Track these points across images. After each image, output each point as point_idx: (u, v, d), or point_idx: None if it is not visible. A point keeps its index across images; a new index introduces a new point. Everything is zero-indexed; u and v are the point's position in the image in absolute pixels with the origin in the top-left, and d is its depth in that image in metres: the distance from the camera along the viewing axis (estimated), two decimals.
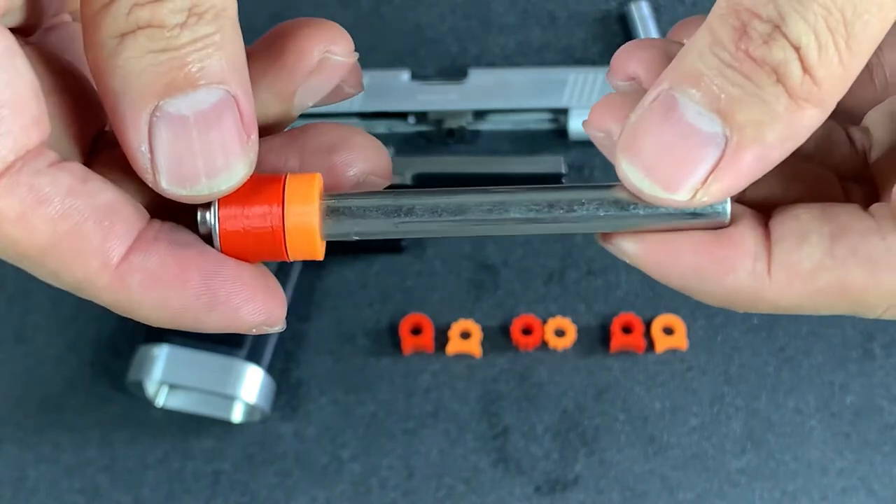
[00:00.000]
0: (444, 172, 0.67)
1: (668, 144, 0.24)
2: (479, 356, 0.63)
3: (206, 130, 0.24)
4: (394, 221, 0.26)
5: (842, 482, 0.59)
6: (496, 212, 0.26)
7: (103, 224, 0.24)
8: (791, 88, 0.23)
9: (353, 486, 0.60)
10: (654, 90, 0.24)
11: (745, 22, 0.23)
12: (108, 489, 0.60)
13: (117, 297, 0.24)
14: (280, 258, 0.26)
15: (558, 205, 0.26)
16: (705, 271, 0.26)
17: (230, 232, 0.26)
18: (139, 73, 0.23)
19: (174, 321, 0.25)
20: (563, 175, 0.66)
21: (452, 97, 0.69)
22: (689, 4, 0.74)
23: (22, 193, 0.23)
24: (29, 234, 0.23)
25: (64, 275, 0.24)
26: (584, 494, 0.60)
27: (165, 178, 0.24)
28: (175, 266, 0.25)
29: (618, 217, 0.26)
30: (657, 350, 0.63)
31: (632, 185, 0.25)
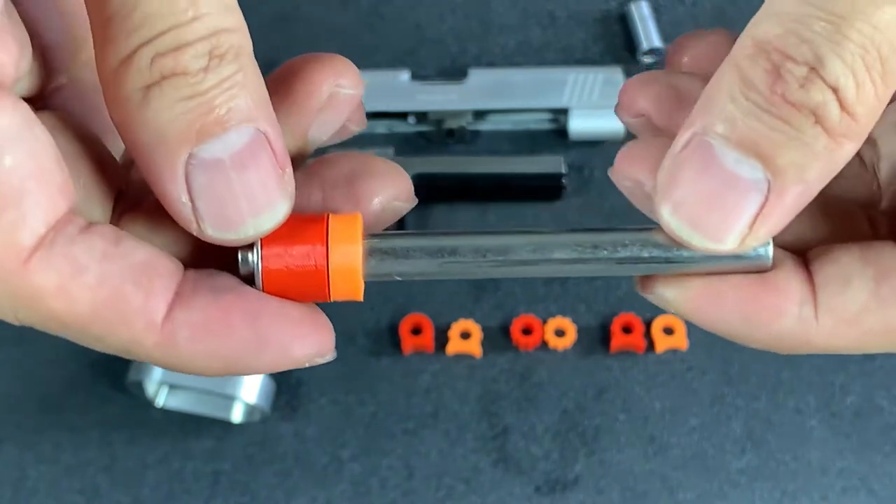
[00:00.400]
0: (444, 172, 0.67)
1: (712, 194, 0.24)
2: (479, 356, 0.63)
3: (244, 171, 0.24)
4: (437, 262, 0.26)
5: (842, 482, 0.59)
6: (540, 252, 0.26)
7: (142, 284, 0.24)
8: (830, 128, 0.22)
9: (353, 486, 0.60)
10: (684, 134, 0.24)
11: (778, 64, 0.22)
12: (108, 489, 0.60)
13: (167, 354, 0.24)
14: (321, 299, 0.26)
15: (602, 246, 0.26)
16: (752, 319, 0.26)
17: (273, 272, 0.25)
18: (169, 123, 0.23)
19: (227, 369, 0.25)
20: (563, 175, 0.66)
21: (452, 97, 0.69)
22: (689, 4, 0.74)
23: (58, 265, 0.23)
24: (70, 306, 0.23)
25: (110, 339, 0.24)
26: (584, 494, 0.60)
27: (210, 224, 0.24)
28: (218, 314, 0.24)
29: (663, 259, 0.26)
30: (657, 350, 0.63)
31: (677, 236, 0.25)
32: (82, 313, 0.23)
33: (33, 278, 0.23)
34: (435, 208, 0.68)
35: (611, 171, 0.28)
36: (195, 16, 0.23)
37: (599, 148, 0.69)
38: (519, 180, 0.67)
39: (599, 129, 0.68)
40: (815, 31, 0.22)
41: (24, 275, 0.23)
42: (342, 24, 0.74)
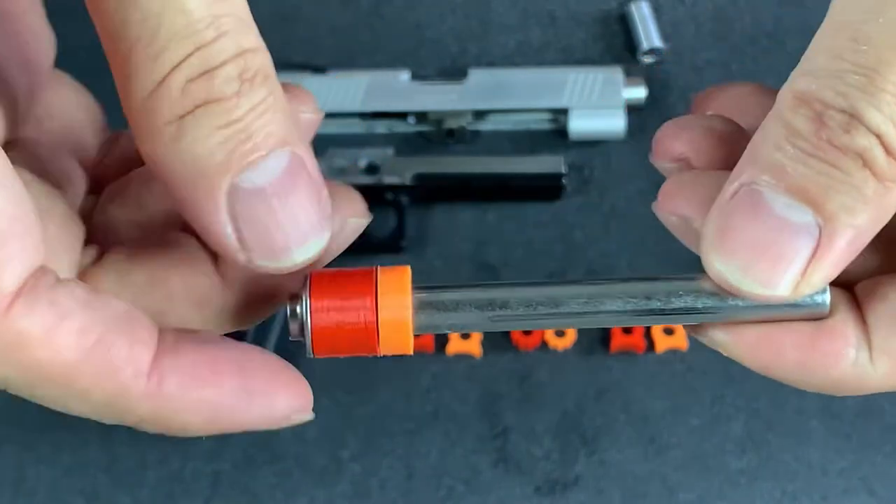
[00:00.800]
0: (444, 172, 0.67)
1: (763, 241, 0.24)
2: (479, 356, 0.63)
3: (286, 197, 0.23)
4: (487, 315, 0.26)
5: (842, 483, 0.59)
6: (592, 304, 0.26)
7: (126, 332, 0.23)
8: (878, 172, 0.23)
9: (353, 486, 0.60)
10: (732, 183, 0.24)
11: (820, 112, 0.23)
12: (108, 489, 0.60)
13: (156, 404, 0.23)
14: (370, 353, 0.26)
15: (655, 296, 0.26)
16: (809, 365, 0.26)
17: (323, 328, 0.26)
18: (208, 154, 0.22)
19: (214, 423, 0.24)
20: (563, 175, 0.66)
21: (452, 97, 0.69)
22: (690, 4, 0.74)
23: (42, 311, 0.22)
24: (55, 354, 0.22)
25: (95, 392, 0.23)
26: (584, 495, 0.60)
27: (258, 255, 0.24)
28: (206, 363, 0.24)
29: (717, 309, 0.26)
30: (657, 350, 0.63)
31: (729, 285, 0.25)
32: (68, 362, 0.22)
33: (17, 324, 0.22)
34: (435, 208, 0.68)
35: (655, 207, 0.28)
36: (218, 34, 0.22)
37: (599, 148, 0.69)
38: (519, 180, 0.67)
39: (599, 129, 0.68)
40: (849, 84, 0.22)
41: (6, 321, 0.22)
42: (342, 24, 0.74)
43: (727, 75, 0.71)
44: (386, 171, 0.66)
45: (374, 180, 0.66)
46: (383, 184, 0.66)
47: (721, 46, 0.72)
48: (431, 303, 0.26)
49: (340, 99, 0.68)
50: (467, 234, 0.67)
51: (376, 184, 0.66)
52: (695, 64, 0.72)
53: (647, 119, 0.69)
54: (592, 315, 0.26)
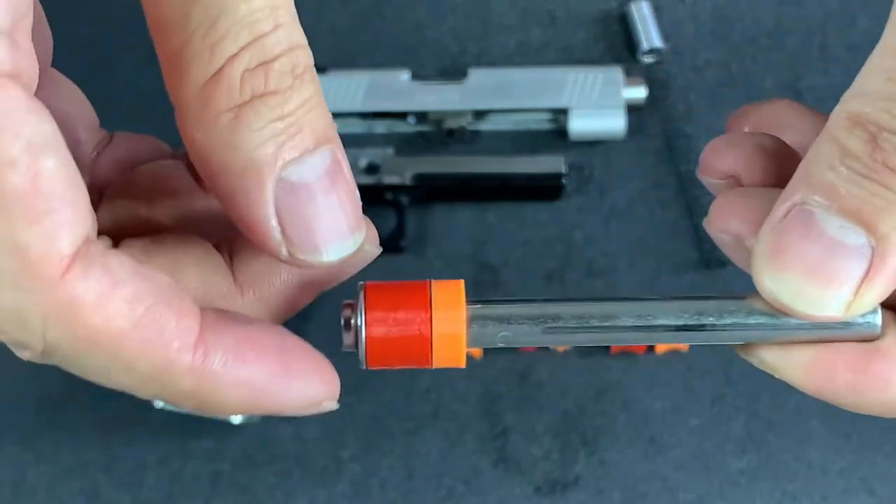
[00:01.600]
0: (444, 172, 0.67)
1: (815, 261, 0.24)
2: (479, 356, 0.63)
3: (328, 195, 0.24)
4: (540, 328, 0.26)
5: (843, 483, 0.59)
6: (644, 319, 0.26)
7: (173, 304, 0.23)
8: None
9: (353, 486, 0.60)
10: (783, 203, 0.24)
11: (875, 134, 0.23)
12: (108, 490, 0.60)
13: (199, 379, 0.23)
14: (423, 365, 0.26)
15: (707, 313, 0.26)
16: (862, 388, 0.26)
17: (377, 339, 0.26)
18: (261, 145, 0.22)
19: (251, 402, 0.24)
20: (563, 175, 0.66)
21: (452, 97, 0.69)
22: (690, 4, 0.74)
23: (97, 276, 0.22)
24: (107, 321, 0.22)
25: (140, 363, 0.23)
26: (584, 495, 0.60)
27: (299, 248, 0.24)
28: (249, 341, 0.24)
29: (768, 328, 0.26)
30: (657, 350, 0.63)
31: (781, 304, 0.25)
32: (118, 330, 0.22)
33: (72, 289, 0.21)
34: (435, 208, 0.68)
35: (706, 224, 0.28)
36: (275, 25, 0.22)
37: (599, 148, 0.69)
38: (519, 180, 0.67)
39: (599, 129, 0.68)
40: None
41: (62, 285, 0.21)
42: (342, 24, 0.74)
43: (727, 75, 0.71)
44: (386, 171, 0.66)
45: (374, 180, 0.66)
46: (383, 184, 0.66)
47: (721, 46, 0.72)
48: (485, 316, 0.26)
49: (340, 99, 0.68)
50: (467, 234, 0.67)
51: (376, 184, 0.66)
52: (695, 64, 0.72)
53: (647, 119, 0.69)
54: (645, 330, 0.26)
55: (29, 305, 0.21)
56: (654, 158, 0.68)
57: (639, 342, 0.27)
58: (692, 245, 0.65)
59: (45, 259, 0.21)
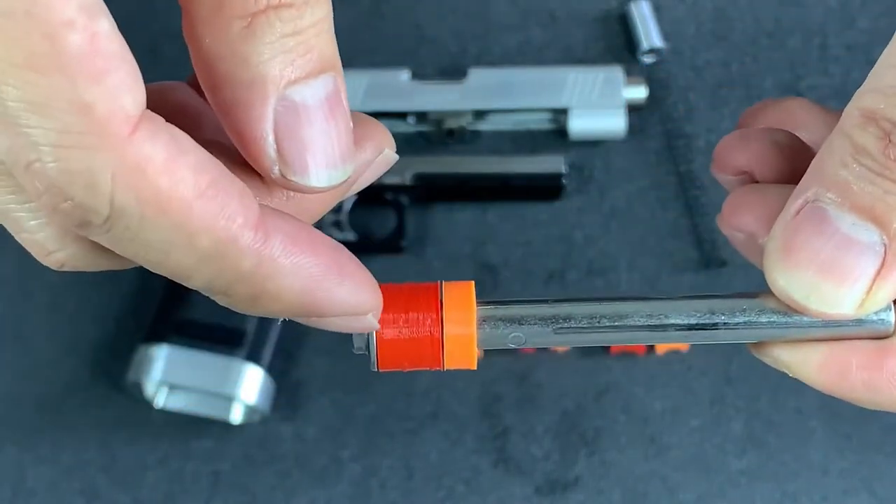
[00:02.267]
0: (444, 172, 0.67)
1: (828, 259, 0.24)
2: (479, 356, 0.63)
3: (326, 120, 0.23)
4: (551, 329, 0.26)
5: (843, 483, 0.59)
6: (656, 318, 0.26)
7: (235, 182, 0.22)
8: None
9: (353, 486, 0.60)
10: (796, 199, 0.24)
11: (888, 131, 0.23)
12: (108, 490, 0.60)
13: (258, 260, 0.23)
14: (434, 367, 0.26)
15: (719, 312, 0.26)
16: (876, 385, 0.26)
17: (388, 341, 0.26)
18: (269, 59, 0.22)
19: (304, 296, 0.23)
20: (563, 175, 0.66)
21: (452, 97, 0.69)
22: (690, 4, 0.74)
23: (164, 140, 0.21)
24: (175, 185, 0.21)
25: (203, 237, 0.22)
26: (584, 495, 0.60)
27: (290, 168, 0.23)
28: (306, 233, 0.24)
29: (779, 326, 0.26)
30: (658, 351, 0.63)
31: (794, 302, 0.25)
32: (185, 197, 0.21)
33: (140, 149, 0.21)
34: (435, 208, 0.68)
35: (719, 221, 0.27)
36: None
37: (599, 148, 0.69)
38: (519, 180, 0.67)
39: (599, 128, 0.68)
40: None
41: (130, 144, 0.21)
42: (342, 24, 0.73)
43: (727, 75, 0.70)
44: (386, 171, 0.66)
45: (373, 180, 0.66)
46: (383, 184, 0.66)
47: (721, 46, 0.72)
48: (496, 317, 0.26)
49: None
50: (467, 234, 0.67)
51: (376, 184, 0.66)
52: (695, 64, 0.72)
53: (648, 119, 0.69)
54: (656, 330, 0.26)
55: (98, 164, 0.21)
56: (654, 158, 0.68)
57: (651, 342, 0.27)
58: (692, 245, 0.65)
59: (112, 117, 0.20)
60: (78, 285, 0.66)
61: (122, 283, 0.65)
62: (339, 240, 0.72)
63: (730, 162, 0.28)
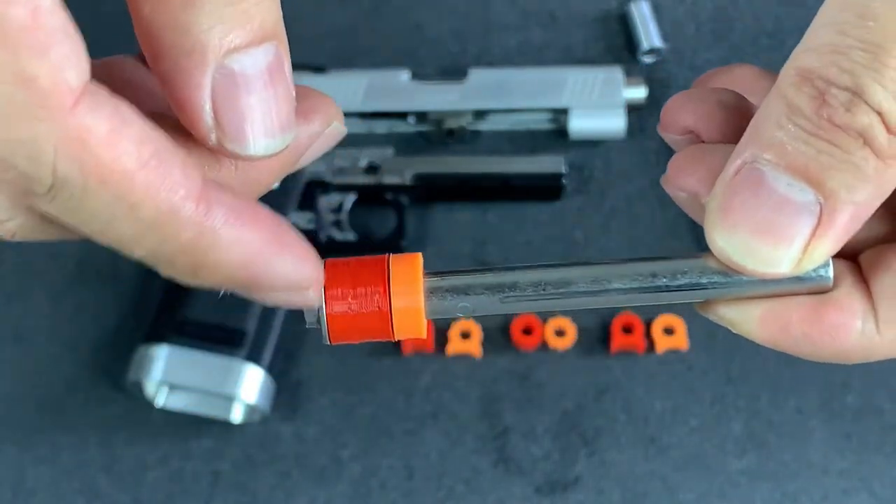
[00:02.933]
0: (444, 172, 0.67)
1: (764, 219, 0.24)
2: (479, 356, 0.63)
3: (265, 89, 0.23)
4: (498, 297, 0.27)
5: (843, 483, 0.59)
6: (599, 283, 0.26)
7: (178, 152, 0.23)
8: (878, 150, 0.23)
9: (353, 486, 0.60)
10: (734, 161, 0.24)
11: (822, 90, 0.23)
12: (108, 489, 0.60)
13: (199, 232, 0.23)
14: (385, 338, 0.27)
15: (661, 274, 0.26)
16: (816, 338, 0.26)
17: (338, 315, 0.26)
18: (209, 29, 0.22)
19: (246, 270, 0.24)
20: (563, 175, 0.66)
21: (452, 97, 0.69)
22: (689, 4, 0.74)
23: (107, 112, 0.22)
24: (117, 156, 0.22)
25: (145, 207, 0.22)
26: (584, 495, 0.60)
27: (228, 137, 0.24)
28: (247, 207, 0.24)
29: (722, 286, 0.26)
30: (658, 350, 0.63)
31: (732, 262, 0.25)
32: (127, 169, 0.22)
33: (82, 120, 0.21)
34: (435, 208, 0.68)
35: (663, 181, 0.28)
36: None
37: (599, 148, 0.69)
38: (519, 180, 0.67)
39: (599, 128, 0.68)
40: (854, 60, 0.22)
41: (73, 116, 0.21)
42: (342, 24, 0.73)
43: None
44: (386, 171, 0.66)
45: (374, 180, 0.66)
46: (383, 184, 0.66)
47: (721, 46, 0.72)
48: (443, 287, 0.27)
49: (340, 99, 0.68)
50: (467, 234, 0.67)
51: (376, 184, 0.66)
52: (695, 64, 0.72)
53: (647, 119, 0.69)
54: (600, 294, 0.27)
55: (41, 135, 0.21)
56: (654, 158, 0.68)
57: (595, 305, 0.27)
58: (692, 245, 0.65)
59: (55, 89, 0.21)
60: (78, 285, 0.66)
61: (123, 283, 0.65)
62: (339, 240, 0.72)
63: (676, 121, 0.29)
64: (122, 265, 0.66)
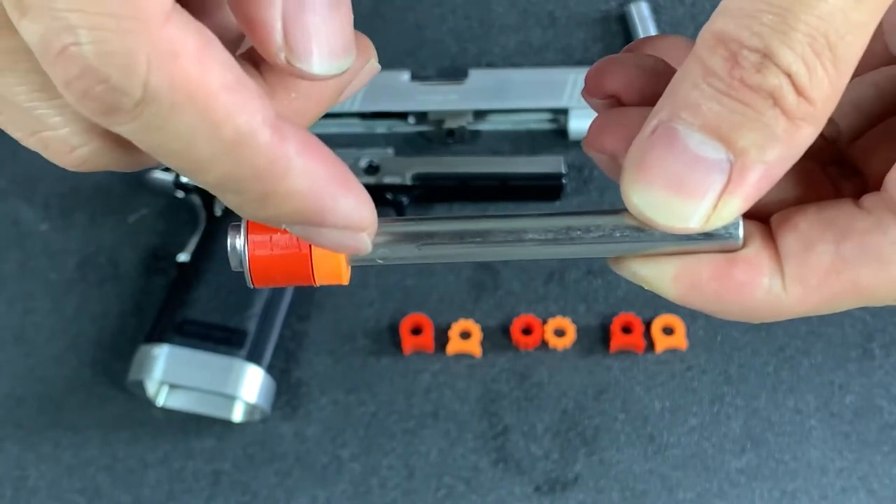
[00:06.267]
0: (444, 172, 0.67)
1: (676, 175, 0.25)
2: (479, 356, 0.63)
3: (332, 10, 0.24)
4: (416, 245, 0.27)
5: (841, 482, 0.59)
6: (515, 234, 0.27)
7: (254, 82, 0.23)
8: (788, 110, 0.23)
9: (353, 486, 0.60)
10: (651, 121, 0.25)
11: (735, 52, 0.24)
12: (109, 489, 0.60)
13: (276, 156, 0.23)
14: (307, 282, 0.27)
15: (574, 228, 0.27)
16: (724, 295, 0.27)
17: (259, 258, 0.27)
18: None
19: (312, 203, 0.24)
20: (563, 175, 0.66)
21: (452, 97, 0.69)
22: (689, 4, 0.74)
23: (195, 31, 0.22)
24: (204, 73, 0.22)
25: (226, 127, 0.23)
26: (583, 494, 0.60)
27: (296, 55, 0.24)
28: (315, 143, 0.24)
29: (634, 240, 0.27)
30: (657, 350, 0.63)
31: (644, 217, 0.26)
32: (213, 86, 0.22)
33: (174, 35, 0.22)
34: (435, 208, 0.68)
35: (584, 143, 0.28)
36: None
37: None
38: (519, 180, 0.67)
39: None
40: (763, 23, 0.23)
41: (165, 30, 0.22)
42: None
43: None
44: (386, 171, 0.66)
45: (374, 180, 0.66)
46: (383, 184, 0.66)
47: None
48: None
49: None
50: None
51: (376, 184, 0.66)
52: None
53: None
54: (515, 244, 0.27)
55: (136, 46, 0.21)
56: None
57: (511, 257, 0.28)
58: None
59: (150, 2, 0.21)
60: (79, 285, 0.66)
61: (124, 282, 0.65)
62: None
63: (598, 86, 0.29)
64: (122, 265, 0.66)
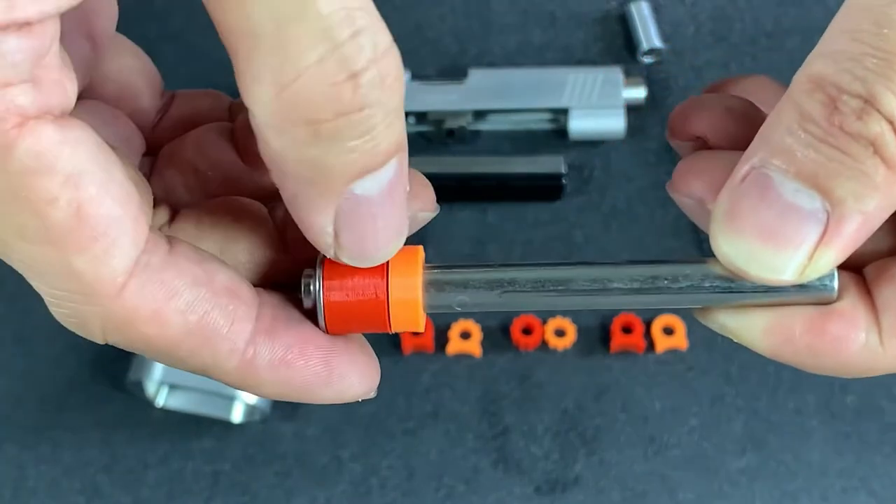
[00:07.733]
0: (445, 172, 0.67)
1: (770, 225, 0.24)
2: (479, 356, 0.63)
3: (386, 207, 0.23)
4: (497, 293, 0.26)
5: (842, 482, 0.59)
6: (599, 283, 0.26)
7: (228, 309, 0.24)
8: (888, 158, 0.22)
9: (353, 486, 0.60)
10: (743, 166, 0.24)
11: (834, 97, 0.23)
12: (108, 489, 0.60)
13: (244, 378, 0.25)
14: (382, 330, 0.27)
15: (661, 277, 0.26)
16: (818, 349, 0.26)
17: (334, 304, 0.26)
18: (335, 161, 0.22)
19: (290, 396, 0.25)
20: (563, 175, 0.66)
21: (452, 97, 0.69)
22: (689, 4, 0.74)
23: (153, 291, 0.23)
24: (161, 330, 0.23)
25: (192, 361, 0.24)
26: (583, 495, 0.60)
27: (349, 256, 0.24)
28: (297, 346, 0.25)
29: (723, 291, 0.26)
30: (657, 350, 0.63)
31: (735, 267, 0.25)
32: (172, 337, 0.23)
33: (128, 304, 0.23)
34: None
35: (669, 187, 0.28)
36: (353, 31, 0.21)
37: (599, 148, 0.69)
38: (519, 180, 0.67)
39: (599, 129, 0.68)
40: (867, 67, 0.22)
41: (119, 301, 0.23)
42: None
43: (727, 75, 0.71)
44: None
45: None
46: None
47: (721, 46, 0.72)
48: (442, 281, 0.27)
49: None
50: (467, 234, 0.67)
51: None
52: (695, 64, 0.72)
53: (647, 119, 0.69)
54: (599, 294, 0.26)
55: (89, 316, 0.23)
56: (654, 158, 0.68)
57: (595, 306, 0.27)
58: (692, 245, 0.65)
59: (100, 281, 0.22)
60: None
61: None
62: None
63: (684, 128, 0.28)
64: None
